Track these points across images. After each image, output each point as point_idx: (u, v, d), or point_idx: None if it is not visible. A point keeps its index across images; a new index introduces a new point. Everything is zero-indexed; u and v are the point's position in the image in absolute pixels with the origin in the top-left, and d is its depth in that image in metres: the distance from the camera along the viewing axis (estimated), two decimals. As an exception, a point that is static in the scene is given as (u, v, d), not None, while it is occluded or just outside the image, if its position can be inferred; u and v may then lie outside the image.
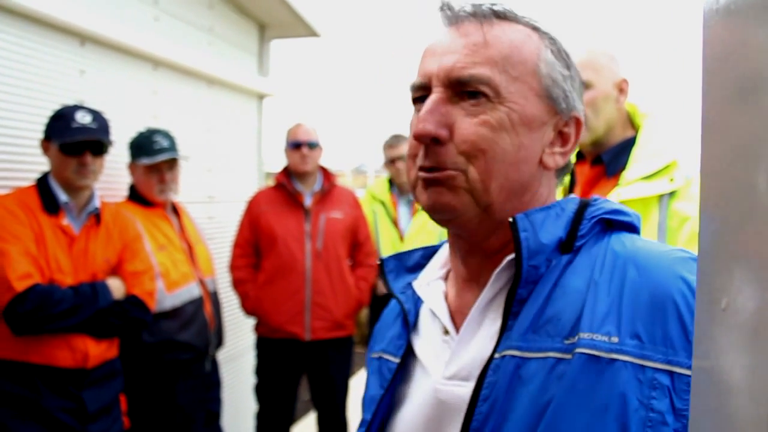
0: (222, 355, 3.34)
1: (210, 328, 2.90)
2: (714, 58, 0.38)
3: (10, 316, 2.08)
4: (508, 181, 0.78)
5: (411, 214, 3.93)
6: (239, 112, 4.17)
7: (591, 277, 0.75)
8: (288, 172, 3.46)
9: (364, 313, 4.41)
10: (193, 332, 2.80)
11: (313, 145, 3.41)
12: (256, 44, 4.46)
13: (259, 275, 3.37)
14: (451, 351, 0.82)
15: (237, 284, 3.40)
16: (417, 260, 0.97)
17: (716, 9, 0.37)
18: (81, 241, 2.31)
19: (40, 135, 2.33)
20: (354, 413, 4.01)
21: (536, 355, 0.73)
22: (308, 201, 3.40)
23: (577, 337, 0.71)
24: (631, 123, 1.85)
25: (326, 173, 3.51)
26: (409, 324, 0.90)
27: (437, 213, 0.81)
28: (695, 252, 0.47)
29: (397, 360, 0.89)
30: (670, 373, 0.67)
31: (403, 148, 3.91)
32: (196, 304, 2.83)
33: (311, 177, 3.46)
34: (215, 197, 3.83)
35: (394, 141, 3.95)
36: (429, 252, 0.97)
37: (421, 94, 0.82)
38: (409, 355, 0.89)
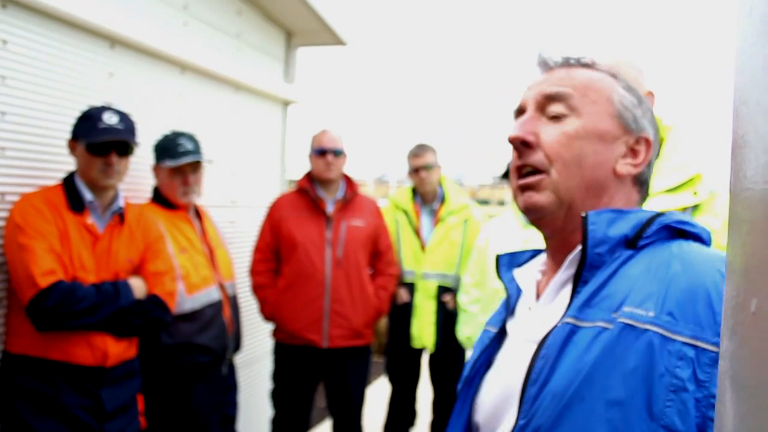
0: (239, 360, 3.34)
1: (228, 332, 2.91)
2: (747, 70, 0.38)
3: (33, 311, 2.11)
4: (585, 181, 0.95)
5: (433, 223, 3.92)
6: (264, 118, 4.21)
7: (647, 268, 0.88)
8: (311, 178, 3.47)
9: (383, 322, 4.41)
10: (211, 335, 2.81)
11: (338, 153, 3.42)
12: (283, 51, 4.50)
13: (279, 281, 3.37)
14: (529, 319, 1.00)
15: (256, 289, 3.41)
16: (526, 258, 1.14)
17: (750, 17, 0.37)
18: (104, 240, 2.33)
19: (68, 135, 2.37)
20: (370, 422, 4.00)
21: (587, 324, 0.86)
22: (330, 208, 3.41)
23: (620, 311, 0.84)
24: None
25: (349, 181, 3.51)
26: (509, 305, 1.08)
27: (530, 213, 0.99)
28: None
29: (495, 330, 1.07)
30: (695, 347, 0.78)
31: (428, 158, 3.90)
32: (216, 307, 2.84)
33: (334, 184, 3.46)
34: (237, 202, 3.85)
35: (418, 150, 3.94)
36: (537, 253, 1.14)
37: (518, 116, 1.03)
38: (504, 330, 1.06)
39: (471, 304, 3.55)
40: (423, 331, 3.82)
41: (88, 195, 2.31)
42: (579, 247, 0.94)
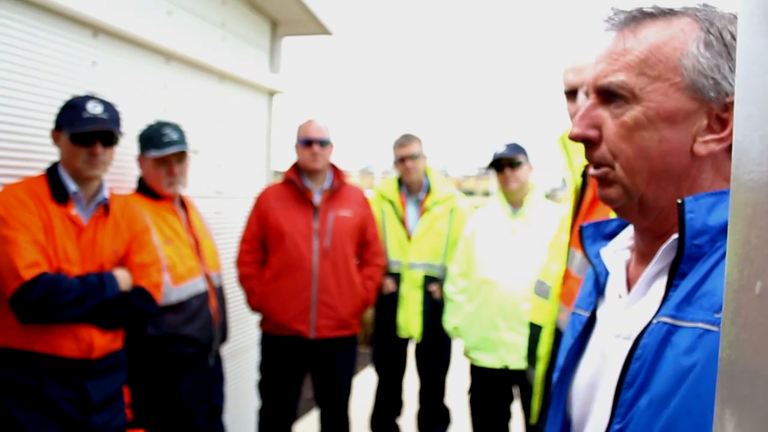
0: (226, 351, 3.33)
1: (214, 323, 2.90)
2: (748, 66, 0.39)
3: (17, 304, 2.08)
4: (655, 174, 0.87)
5: (419, 213, 3.92)
6: (250, 108, 4.18)
7: None
8: (298, 169, 3.45)
9: (370, 312, 4.41)
10: (197, 327, 2.79)
11: (324, 143, 3.41)
12: (268, 41, 4.47)
13: (266, 271, 3.36)
14: (619, 312, 0.94)
15: (243, 280, 3.40)
16: (613, 229, 1.07)
17: (751, 18, 0.38)
18: (89, 231, 2.31)
19: (51, 125, 2.33)
20: (357, 412, 4.01)
21: (687, 324, 0.79)
22: (317, 198, 3.40)
23: None
24: None
25: (336, 171, 3.50)
26: (599, 284, 1.02)
27: (606, 204, 0.94)
28: None
29: (587, 314, 1.01)
30: None
31: (413, 148, 3.89)
32: (202, 298, 2.83)
33: (321, 174, 3.45)
34: (223, 192, 3.83)
35: (404, 140, 3.93)
36: (624, 223, 1.05)
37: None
38: (595, 313, 1.01)
39: (457, 294, 3.57)
40: (409, 321, 3.83)
41: (72, 186, 2.28)
42: (674, 236, 0.86)
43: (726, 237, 0.78)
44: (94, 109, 2.30)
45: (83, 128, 2.26)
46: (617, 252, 1.01)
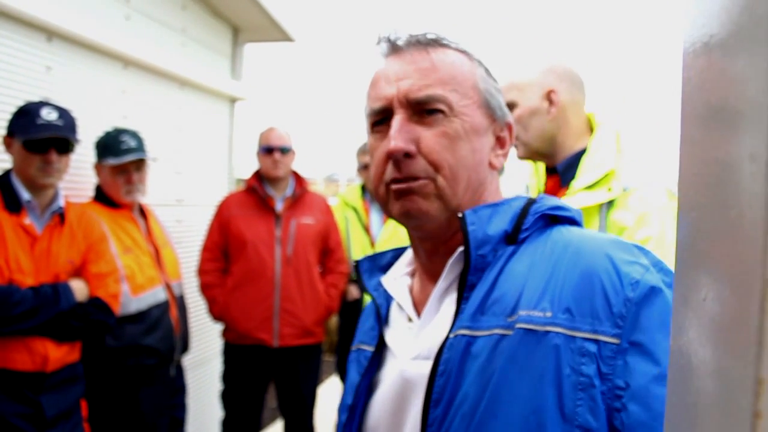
0: (188, 361, 3.28)
1: (175, 333, 2.85)
2: (692, 85, 0.41)
3: (-34, 317, 2.01)
4: (471, 183, 0.90)
5: (383, 220, 3.92)
6: (211, 115, 4.13)
7: (532, 262, 0.85)
8: (259, 176, 3.42)
9: (334, 320, 4.39)
10: (158, 337, 2.74)
11: (285, 150, 3.39)
12: (230, 47, 4.43)
13: (228, 280, 3.32)
14: (414, 335, 0.93)
15: (205, 289, 3.35)
16: (388, 260, 1.08)
17: (694, 43, 0.41)
18: (43, 241, 2.25)
19: (3, 131, 2.27)
20: (322, 422, 3.97)
21: (483, 333, 0.82)
22: (279, 206, 3.37)
23: (516, 315, 0.80)
24: (592, 132, 1.86)
25: (298, 178, 3.48)
26: (381, 317, 1.00)
27: (411, 219, 0.90)
28: None
29: (371, 348, 1.00)
30: (597, 342, 0.75)
31: (376, 155, 3.89)
32: (162, 308, 2.77)
33: (283, 182, 3.42)
34: (184, 200, 3.77)
35: (367, 147, 3.93)
36: (399, 252, 1.08)
37: (380, 117, 0.92)
38: (382, 345, 0.99)
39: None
40: (374, 329, 3.81)
41: (25, 194, 2.22)
42: (459, 250, 0.89)
43: (506, 244, 0.88)
44: (48, 115, 2.24)
45: (37, 135, 2.20)
46: (397, 279, 1.02)
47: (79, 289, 2.29)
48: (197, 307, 3.64)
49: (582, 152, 1.80)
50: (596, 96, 1.91)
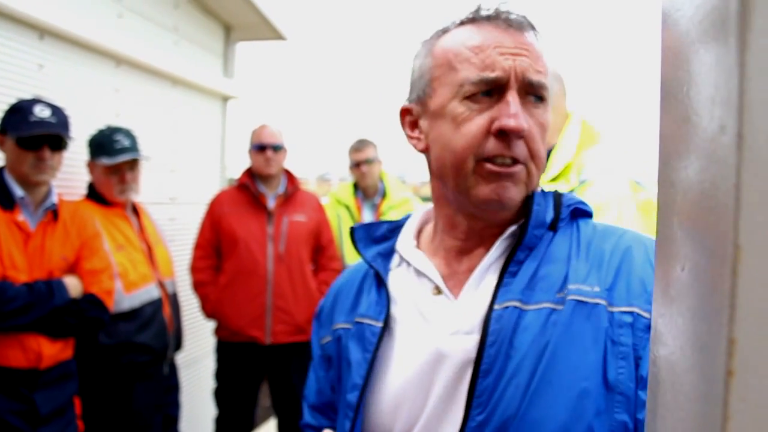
0: (181, 359, 3.28)
1: (168, 331, 2.85)
2: (669, 80, 0.44)
3: (-40, 313, 2.02)
4: (541, 173, 0.93)
5: (375, 218, 3.94)
6: (203, 113, 4.13)
7: (570, 249, 0.90)
8: (251, 174, 3.43)
9: (327, 318, 4.39)
10: (151, 334, 2.74)
11: (277, 148, 3.40)
12: (222, 46, 4.43)
13: (220, 277, 3.33)
14: (449, 310, 0.92)
15: (197, 286, 3.35)
16: (383, 232, 1.06)
17: (670, 39, 0.44)
18: (37, 237, 2.25)
19: (-4, 129, 2.27)
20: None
21: (533, 306, 0.85)
22: (271, 203, 3.38)
23: (566, 290, 0.85)
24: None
25: (290, 176, 3.49)
26: (387, 291, 0.97)
27: (498, 205, 0.89)
28: None
29: (380, 324, 0.96)
30: (632, 314, 0.82)
31: (368, 152, 3.91)
32: (155, 305, 2.78)
33: (275, 180, 3.43)
34: (177, 198, 3.78)
35: (359, 145, 3.95)
36: (393, 226, 1.07)
37: (489, 88, 0.87)
38: (388, 319, 0.96)
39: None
40: (367, 326, 3.82)
41: (18, 191, 2.23)
42: (511, 228, 0.92)
43: (547, 230, 0.92)
44: (41, 112, 2.25)
45: (30, 132, 2.20)
46: (412, 251, 1.00)
47: (73, 285, 2.29)
48: (190, 305, 3.64)
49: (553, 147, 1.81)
50: (577, 91, 1.91)
